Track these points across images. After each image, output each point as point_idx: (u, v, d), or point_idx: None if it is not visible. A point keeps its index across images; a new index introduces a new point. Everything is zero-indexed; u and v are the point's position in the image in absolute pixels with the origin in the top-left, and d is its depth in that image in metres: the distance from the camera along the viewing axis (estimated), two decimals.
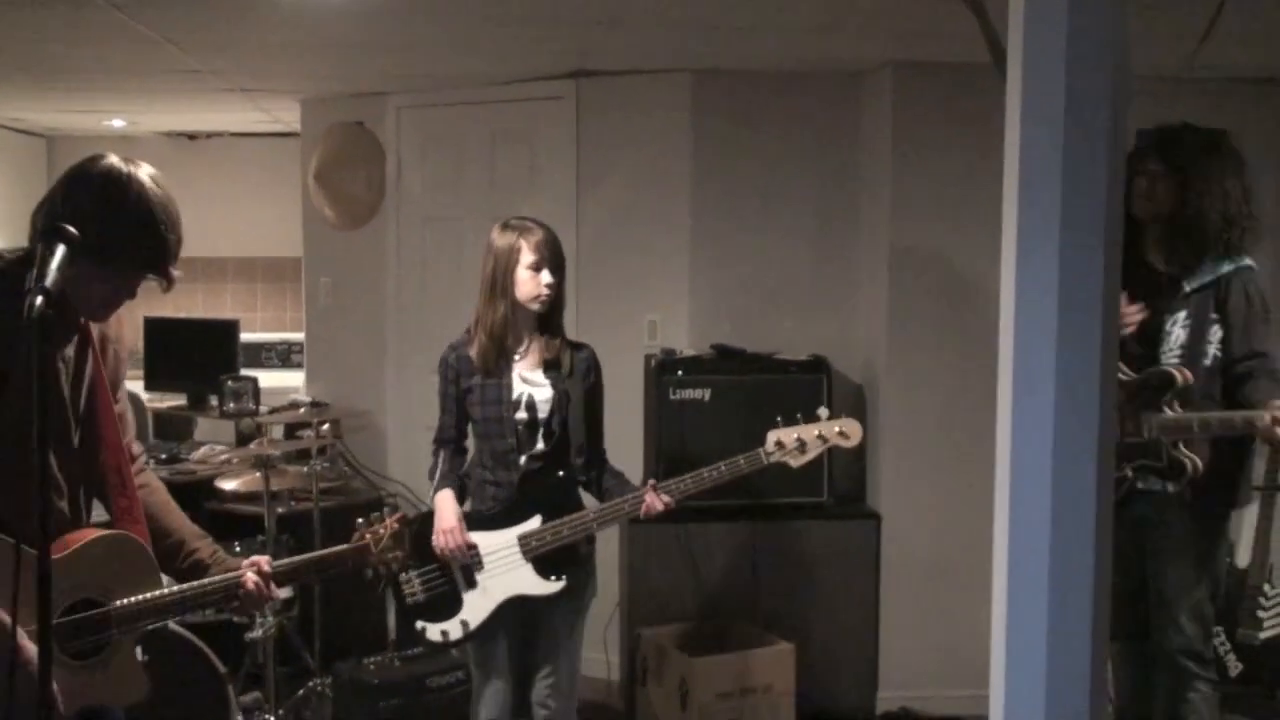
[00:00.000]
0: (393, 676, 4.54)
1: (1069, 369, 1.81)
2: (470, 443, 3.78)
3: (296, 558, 2.95)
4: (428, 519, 3.64)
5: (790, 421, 3.71)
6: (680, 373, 4.89)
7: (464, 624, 3.59)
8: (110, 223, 2.34)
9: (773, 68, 5.14)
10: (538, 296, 3.57)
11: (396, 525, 3.06)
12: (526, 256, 3.56)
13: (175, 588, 2.59)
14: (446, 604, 3.60)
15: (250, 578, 2.68)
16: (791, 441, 3.67)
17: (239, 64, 5.22)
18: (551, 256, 3.57)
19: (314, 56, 5.10)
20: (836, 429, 3.71)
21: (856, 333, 5.29)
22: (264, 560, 2.74)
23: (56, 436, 2.43)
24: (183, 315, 7.51)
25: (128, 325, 2.78)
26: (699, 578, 4.88)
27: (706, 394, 4.88)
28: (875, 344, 5.16)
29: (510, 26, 4.37)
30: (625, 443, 4.24)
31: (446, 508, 3.61)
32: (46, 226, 2.11)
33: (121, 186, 2.37)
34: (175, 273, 2.45)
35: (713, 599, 4.89)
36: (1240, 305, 3.57)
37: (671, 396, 4.86)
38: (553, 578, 3.58)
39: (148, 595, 2.53)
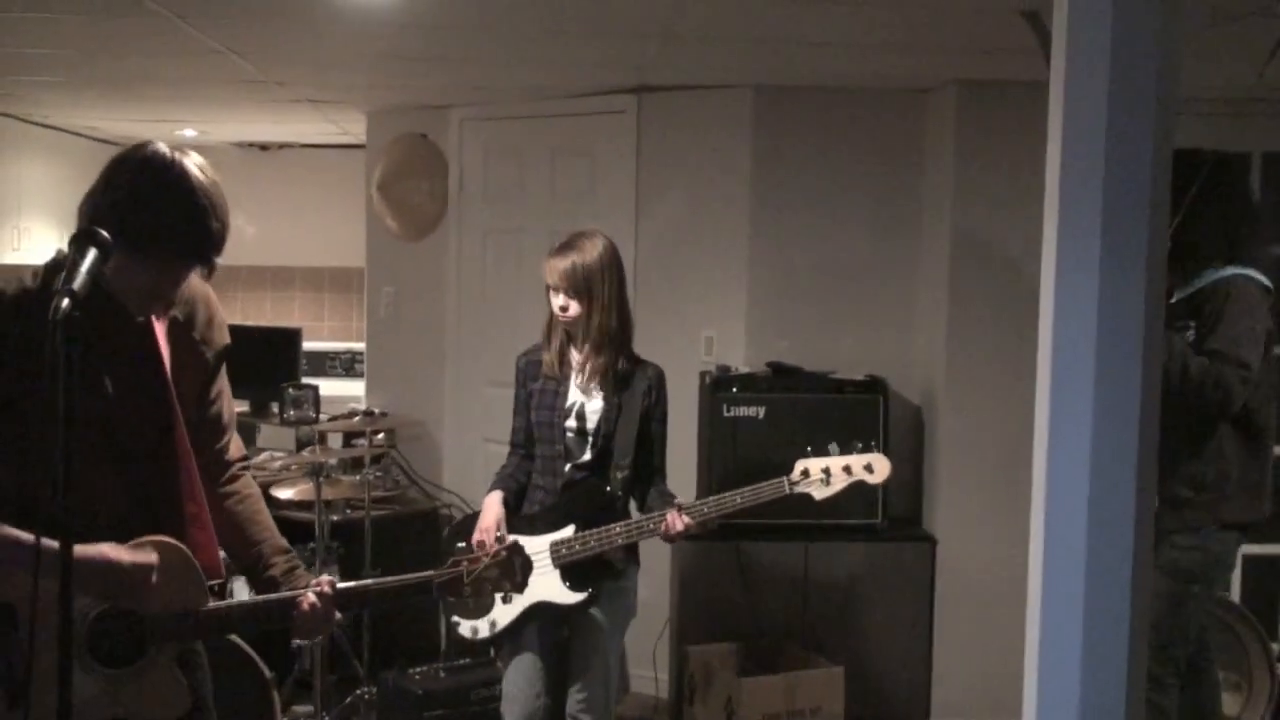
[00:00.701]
0: (436, 687, 4.55)
1: (1107, 395, 1.76)
2: None
3: (369, 581, 2.67)
4: (474, 517, 3.72)
5: (821, 451, 3.67)
6: (735, 390, 4.85)
7: (492, 624, 3.64)
8: (148, 209, 2.25)
9: (834, 84, 5.11)
10: (556, 316, 3.65)
11: (505, 554, 2.70)
12: (546, 277, 3.65)
13: (217, 604, 2.46)
14: (479, 603, 3.64)
15: (308, 598, 2.50)
16: (817, 472, 3.64)
17: (303, 76, 5.28)
18: (560, 280, 3.61)
19: (376, 69, 5.15)
20: (863, 463, 3.66)
21: (915, 353, 5.23)
22: (327, 581, 2.56)
23: (103, 439, 2.37)
24: (250, 323, 7.61)
25: (219, 327, 2.60)
26: (750, 597, 4.84)
27: (761, 412, 4.85)
28: (934, 365, 5.09)
29: (570, 40, 4.38)
30: (679, 458, 4.22)
31: (490, 508, 3.68)
32: (78, 231, 2.03)
33: (160, 172, 2.27)
34: (216, 260, 2.34)
35: (763, 618, 4.85)
36: (1216, 306, 3.53)
37: (725, 413, 4.83)
38: (576, 589, 3.58)
39: (185, 610, 2.40)
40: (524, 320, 3.96)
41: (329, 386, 6.67)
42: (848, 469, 3.64)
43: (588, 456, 3.68)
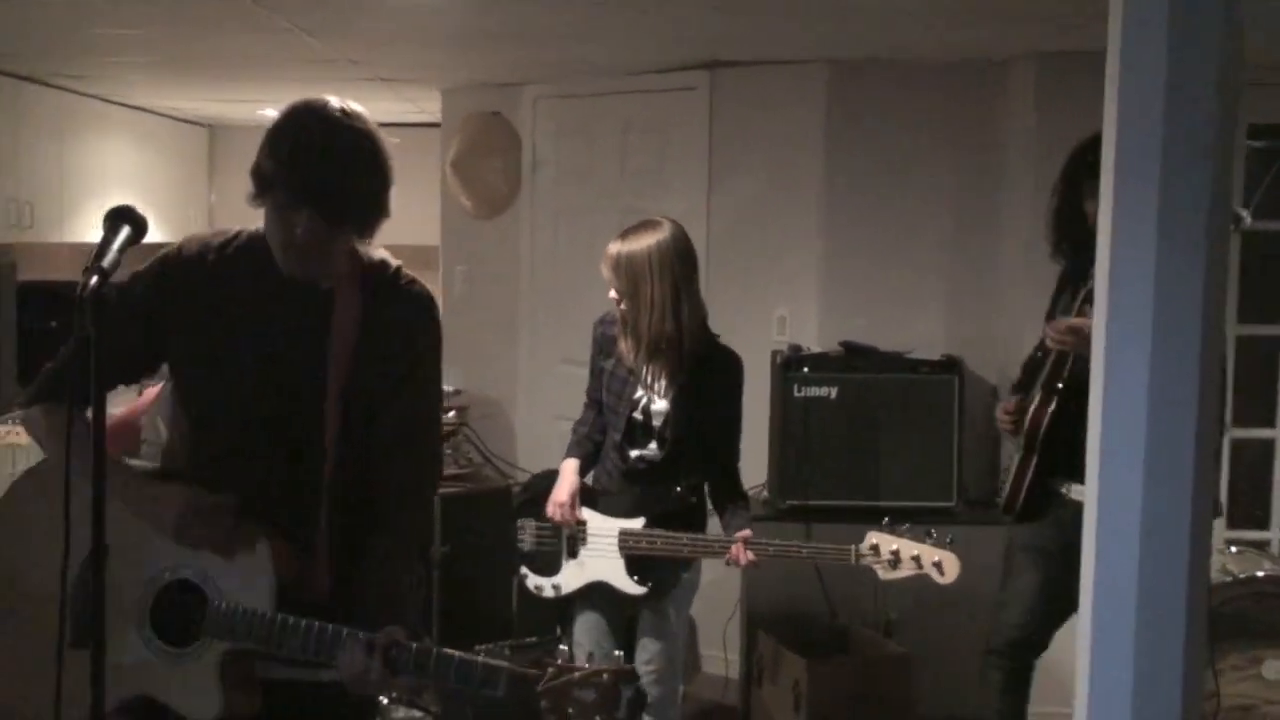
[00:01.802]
0: None
1: (1163, 382, 1.69)
2: None
3: (435, 650, 2.17)
4: (553, 479, 3.71)
5: (895, 529, 3.57)
6: (806, 370, 4.78)
7: (556, 587, 3.67)
8: (269, 148, 2.19)
9: (910, 59, 5.00)
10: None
11: (608, 679, 2.09)
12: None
13: (274, 615, 2.21)
14: (548, 562, 3.69)
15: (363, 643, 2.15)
16: (887, 551, 3.53)
17: (374, 54, 5.29)
18: (605, 269, 3.56)
19: (445, 46, 5.15)
20: (935, 559, 3.52)
21: (994, 333, 5.11)
22: (385, 634, 2.14)
23: (249, 406, 2.31)
24: None
25: (414, 354, 2.42)
26: (821, 580, 4.78)
27: (833, 392, 4.77)
28: (1013, 345, 4.96)
29: (641, 14, 4.32)
30: (748, 440, 4.16)
31: (566, 479, 3.66)
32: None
33: (293, 115, 2.21)
34: (335, 211, 2.16)
35: (834, 602, 4.79)
36: None
37: (796, 394, 4.76)
38: (638, 578, 3.58)
39: (246, 608, 2.21)
40: (596, 299, 3.93)
41: None
42: (917, 559, 3.52)
43: (654, 451, 3.63)
